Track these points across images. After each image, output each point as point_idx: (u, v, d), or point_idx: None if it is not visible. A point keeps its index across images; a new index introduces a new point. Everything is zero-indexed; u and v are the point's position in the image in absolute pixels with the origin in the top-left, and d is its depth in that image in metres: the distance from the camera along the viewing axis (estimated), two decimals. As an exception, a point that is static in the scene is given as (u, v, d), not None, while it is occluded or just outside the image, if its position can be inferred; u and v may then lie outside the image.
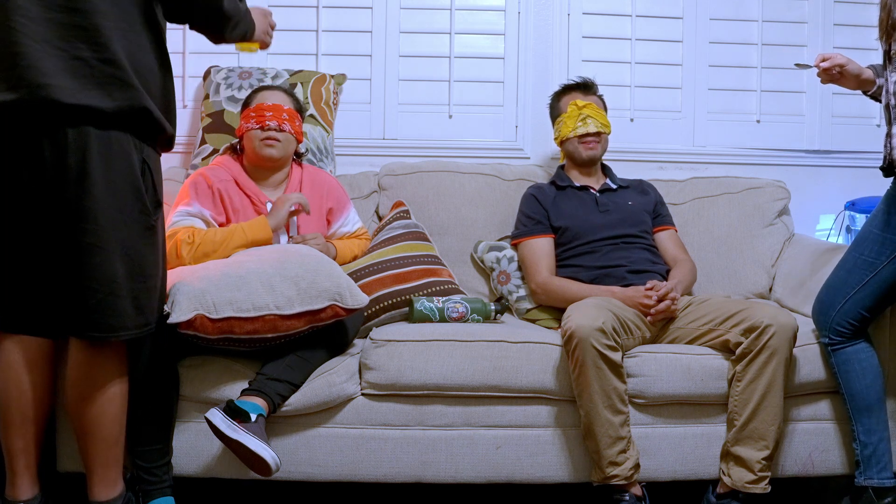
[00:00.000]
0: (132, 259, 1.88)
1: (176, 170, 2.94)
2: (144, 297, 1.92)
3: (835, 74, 2.25)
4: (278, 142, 2.53)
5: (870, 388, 2.25)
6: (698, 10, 3.20)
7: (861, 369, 2.25)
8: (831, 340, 2.28)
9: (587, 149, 2.75)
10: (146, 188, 1.90)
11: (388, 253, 2.66)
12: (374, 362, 2.28)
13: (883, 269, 2.20)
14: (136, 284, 1.90)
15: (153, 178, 1.93)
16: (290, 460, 2.25)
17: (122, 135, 1.84)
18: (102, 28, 1.80)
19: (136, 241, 1.89)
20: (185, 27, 2.07)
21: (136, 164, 1.87)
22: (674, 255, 2.74)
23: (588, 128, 2.73)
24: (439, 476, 2.30)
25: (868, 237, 2.24)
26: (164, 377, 2.17)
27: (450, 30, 3.16)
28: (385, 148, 3.15)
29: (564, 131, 2.76)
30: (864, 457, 2.25)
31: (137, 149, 1.88)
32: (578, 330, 2.18)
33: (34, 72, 1.76)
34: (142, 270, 1.91)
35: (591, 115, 2.74)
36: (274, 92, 2.63)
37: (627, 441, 2.23)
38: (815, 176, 3.25)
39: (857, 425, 2.26)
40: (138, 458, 2.14)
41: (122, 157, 1.85)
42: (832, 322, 2.27)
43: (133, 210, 1.88)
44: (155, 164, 1.95)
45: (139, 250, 1.90)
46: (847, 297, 2.24)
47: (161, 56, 1.94)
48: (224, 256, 2.33)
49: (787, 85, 3.24)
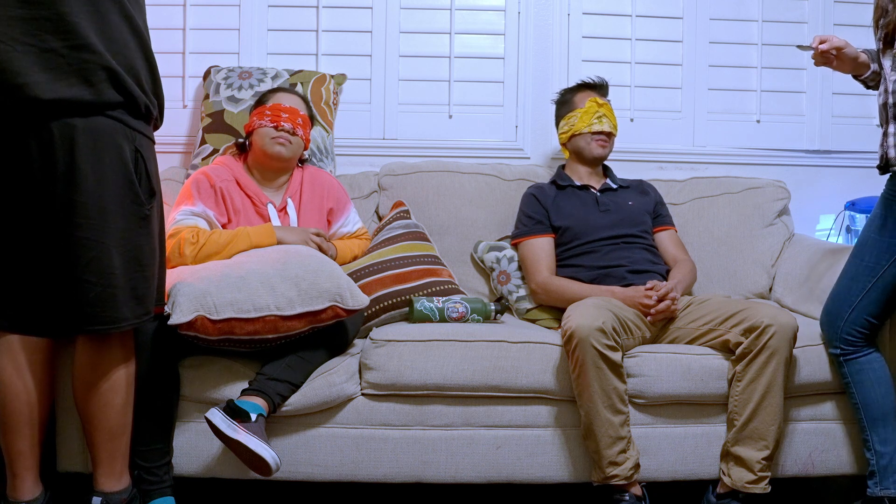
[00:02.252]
0: (128, 250, 1.88)
1: (176, 170, 2.94)
2: (143, 287, 1.93)
3: (830, 57, 2.23)
4: (290, 143, 2.54)
5: (884, 398, 2.23)
6: (698, 10, 3.20)
7: (875, 378, 2.23)
8: (843, 351, 2.26)
9: (599, 146, 2.76)
10: (139, 177, 1.90)
11: (388, 253, 2.66)
12: (374, 362, 2.28)
13: (885, 274, 2.19)
14: (134, 275, 1.90)
15: (146, 167, 1.92)
16: (290, 460, 2.25)
17: (109, 123, 1.83)
18: (66, 15, 1.77)
19: (130, 232, 1.89)
20: (186, 27, 2.08)
21: (127, 154, 1.87)
22: (674, 255, 2.74)
23: (603, 126, 2.74)
24: (439, 476, 2.30)
25: (867, 242, 2.23)
26: (165, 377, 2.17)
27: (450, 30, 3.16)
28: (385, 148, 3.15)
29: (579, 126, 2.75)
30: (880, 467, 2.22)
31: (129, 138, 1.87)
32: (578, 330, 2.18)
33: (7, 74, 1.75)
34: (138, 261, 1.91)
35: (607, 114, 2.76)
36: (292, 96, 2.64)
37: (627, 441, 2.24)
38: (815, 176, 3.25)
39: (872, 435, 2.24)
40: (139, 457, 2.14)
41: (111, 148, 1.84)
42: (841, 332, 2.25)
43: (126, 201, 1.87)
44: (148, 152, 1.93)
45: (134, 241, 1.90)
46: (853, 306, 2.23)
47: (133, 29, 1.89)
48: (227, 258, 2.33)
49: (787, 85, 3.24)
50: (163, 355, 2.14)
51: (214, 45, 3.09)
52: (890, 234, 2.18)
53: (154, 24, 3.02)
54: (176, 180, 2.84)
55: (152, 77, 1.95)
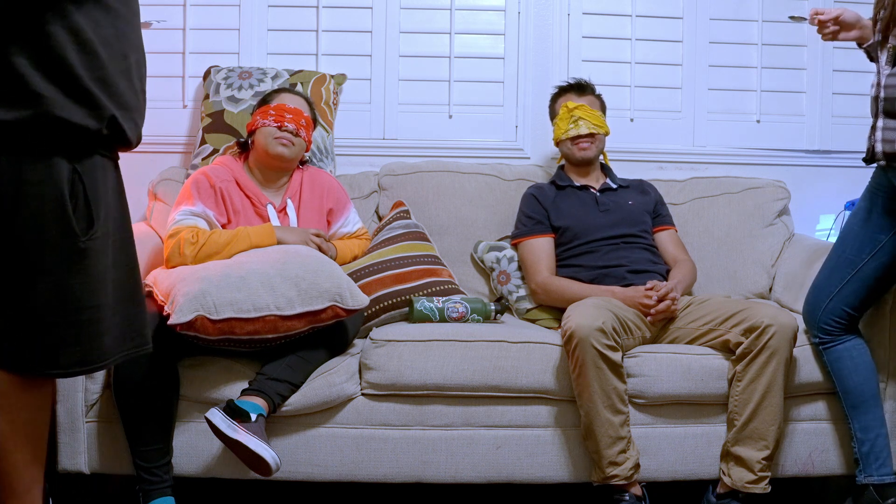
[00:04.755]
0: (54, 291, 1.63)
1: (176, 170, 2.94)
2: (79, 332, 1.66)
3: (832, 29, 2.20)
4: (292, 145, 2.54)
5: (863, 385, 2.25)
6: (698, 10, 3.19)
7: (853, 366, 2.26)
8: (821, 339, 2.29)
9: (580, 150, 2.75)
10: (74, 207, 1.64)
11: (388, 253, 2.66)
12: (374, 362, 2.28)
13: (864, 266, 2.21)
14: (67, 318, 1.64)
15: (86, 193, 1.67)
16: (290, 460, 2.25)
17: (41, 151, 1.61)
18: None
19: (58, 270, 1.64)
20: (186, 27, 1.98)
21: (60, 183, 1.62)
22: (674, 255, 2.74)
23: (579, 129, 2.73)
24: (439, 476, 2.30)
25: (850, 234, 2.25)
26: (164, 377, 2.17)
27: (450, 30, 3.16)
28: (385, 148, 3.15)
29: (557, 133, 2.78)
30: (862, 454, 2.25)
31: (67, 161, 1.64)
32: (578, 330, 2.18)
33: None
34: (69, 302, 1.65)
35: (583, 116, 2.73)
36: (296, 97, 2.64)
37: (627, 441, 2.24)
38: (815, 176, 3.24)
39: (854, 422, 2.26)
40: (138, 458, 2.14)
41: (37, 179, 1.61)
42: (819, 321, 2.28)
43: (54, 235, 1.62)
44: (92, 176, 1.68)
45: (63, 280, 1.64)
46: (831, 296, 2.26)
47: (79, 42, 1.63)
48: (227, 258, 2.33)
49: (787, 85, 3.24)
50: (163, 355, 2.14)
51: (214, 45, 3.09)
52: (872, 226, 2.19)
53: (154, 24, 3.07)
54: (176, 180, 2.84)
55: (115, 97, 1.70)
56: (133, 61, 1.77)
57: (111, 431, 2.24)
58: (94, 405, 2.25)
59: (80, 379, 2.22)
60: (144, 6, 3.22)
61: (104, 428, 2.24)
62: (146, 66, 1.85)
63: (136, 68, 1.78)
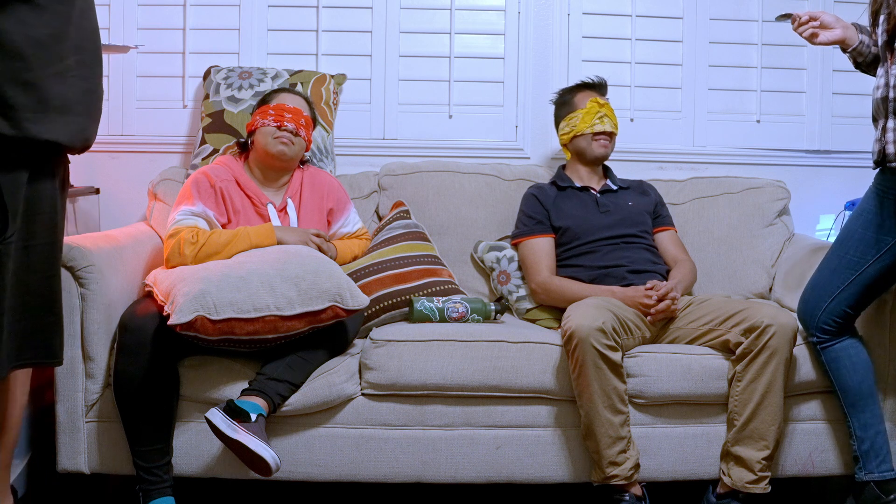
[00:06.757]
0: None
1: (176, 170, 2.94)
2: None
3: (811, 26, 2.22)
4: (292, 144, 2.54)
5: (862, 383, 2.25)
6: (698, 10, 3.19)
7: (851, 364, 2.26)
8: (819, 339, 2.28)
9: (600, 146, 2.75)
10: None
11: (388, 253, 2.66)
12: (374, 362, 2.28)
13: (868, 269, 2.21)
14: None
15: (2, 198, 1.62)
16: (290, 460, 2.25)
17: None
18: None
19: None
20: (186, 27, 1.94)
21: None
22: (674, 255, 2.74)
23: (605, 126, 2.74)
24: (439, 476, 2.30)
25: (852, 236, 2.24)
26: (164, 377, 2.17)
27: (450, 30, 3.16)
28: (385, 148, 3.15)
29: (581, 126, 2.75)
30: (862, 452, 2.25)
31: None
32: (578, 330, 2.18)
33: None
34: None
35: (608, 114, 2.76)
36: (296, 97, 2.64)
37: (627, 441, 2.24)
38: (815, 176, 3.25)
39: (853, 421, 2.27)
40: (138, 458, 2.14)
41: None
42: (818, 321, 2.28)
43: None
44: (14, 182, 1.62)
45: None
46: (832, 297, 2.25)
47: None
48: (227, 258, 2.33)
49: (787, 85, 3.24)
50: (163, 355, 2.14)
51: (214, 45, 3.09)
52: (876, 229, 2.18)
53: (154, 24, 3.07)
54: (176, 180, 2.84)
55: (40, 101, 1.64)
56: (73, 62, 1.69)
57: (111, 431, 2.24)
58: (94, 405, 2.25)
59: (81, 379, 2.22)
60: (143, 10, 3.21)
61: (104, 428, 2.25)
62: (101, 63, 1.75)
63: (80, 68, 1.71)
